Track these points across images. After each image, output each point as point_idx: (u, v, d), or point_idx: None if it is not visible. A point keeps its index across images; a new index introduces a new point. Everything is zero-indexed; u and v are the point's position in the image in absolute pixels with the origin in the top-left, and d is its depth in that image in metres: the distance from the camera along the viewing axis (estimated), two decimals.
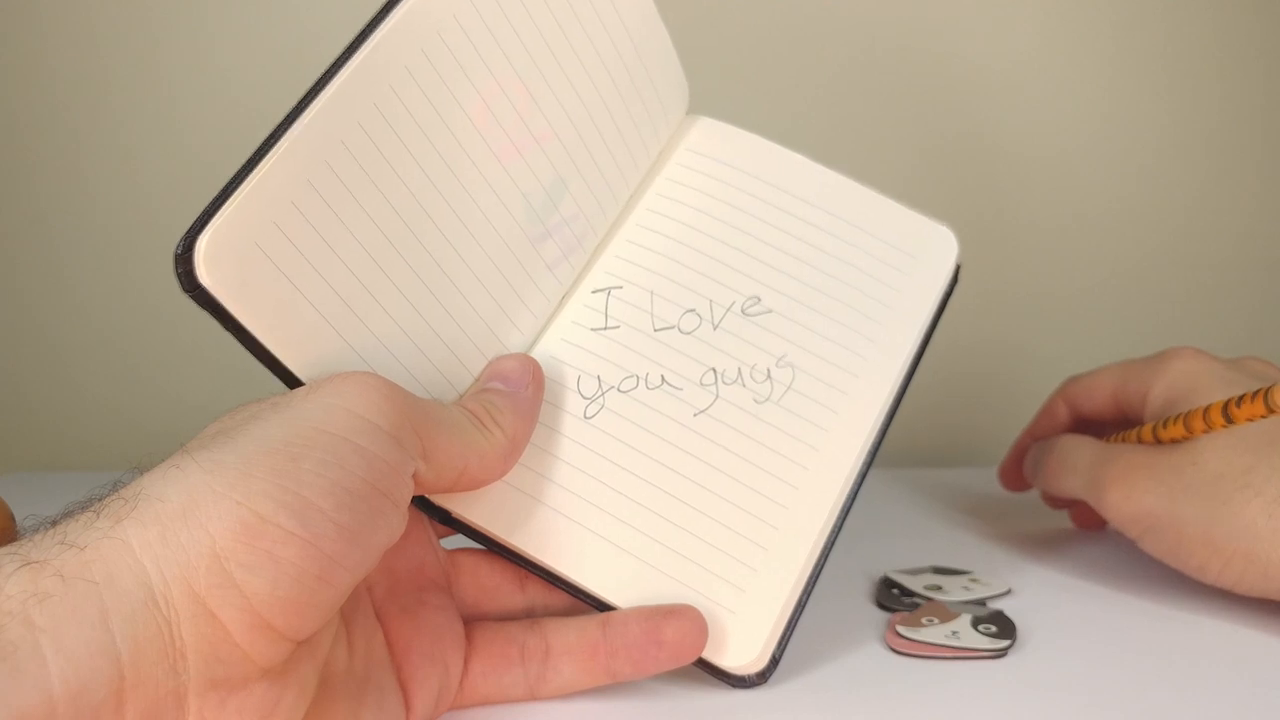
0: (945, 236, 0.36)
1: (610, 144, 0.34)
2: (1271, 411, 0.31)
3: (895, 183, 0.36)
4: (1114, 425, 0.41)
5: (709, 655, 0.29)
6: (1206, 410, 0.33)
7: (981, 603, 0.36)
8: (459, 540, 0.31)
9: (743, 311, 0.33)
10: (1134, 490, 0.35)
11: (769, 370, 0.32)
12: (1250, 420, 0.32)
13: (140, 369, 0.59)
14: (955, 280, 0.36)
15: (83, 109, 0.57)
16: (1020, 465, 0.45)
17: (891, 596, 0.36)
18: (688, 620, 0.28)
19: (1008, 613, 0.34)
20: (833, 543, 0.31)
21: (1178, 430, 0.35)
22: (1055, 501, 0.45)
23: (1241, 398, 0.32)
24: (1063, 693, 0.29)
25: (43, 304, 0.59)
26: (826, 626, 0.33)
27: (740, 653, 0.29)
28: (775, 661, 0.29)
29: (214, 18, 0.56)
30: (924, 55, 0.59)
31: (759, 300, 0.33)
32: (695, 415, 0.31)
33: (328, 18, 0.56)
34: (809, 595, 0.30)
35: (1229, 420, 0.32)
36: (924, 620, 0.33)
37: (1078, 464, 0.38)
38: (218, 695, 0.21)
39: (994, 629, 0.32)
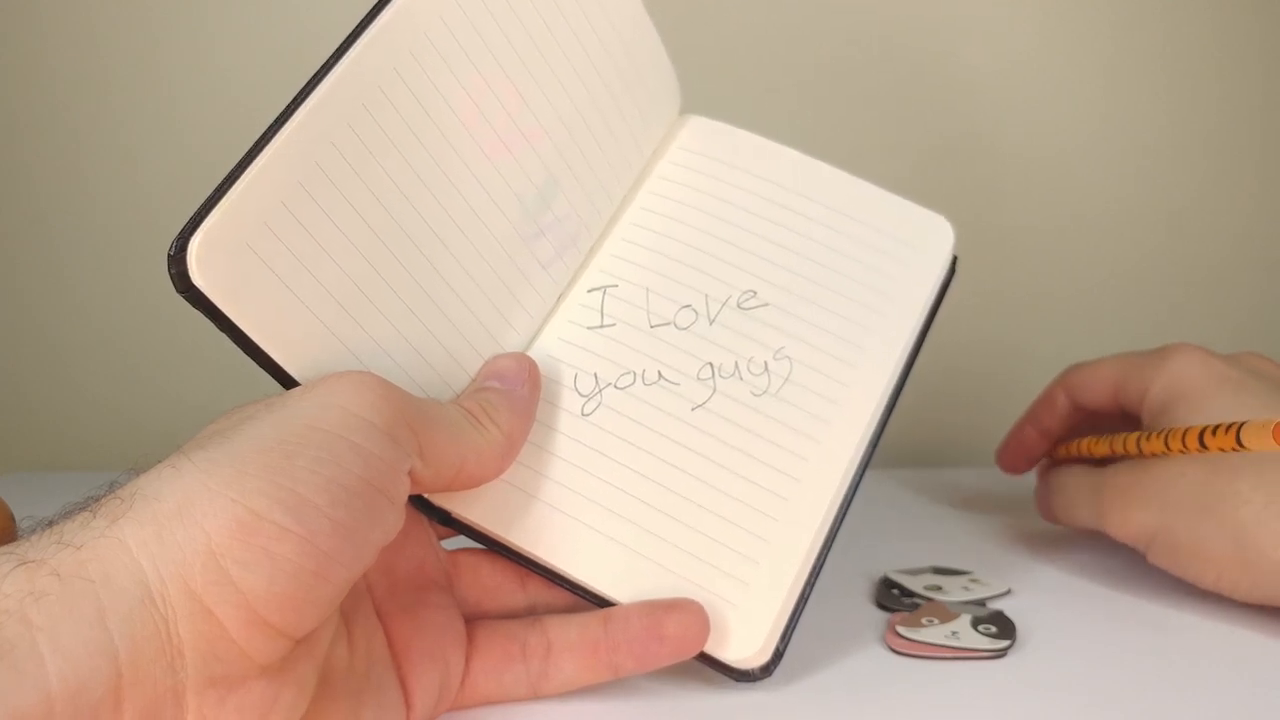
0: (940, 225, 0.36)
1: (602, 142, 0.34)
2: (1242, 448, 0.31)
3: (893, 183, 0.36)
4: (1112, 417, 0.41)
5: (711, 649, 0.29)
6: (1185, 434, 0.33)
7: (981, 603, 0.35)
8: (462, 542, 0.31)
9: (738, 306, 0.33)
10: (1128, 510, 0.36)
11: (766, 363, 0.32)
12: (1222, 451, 0.32)
13: (140, 369, 0.59)
14: (953, 270, 0.36)
15: (83, 109, 0.57)
16: (1019, 449, 0.45)
17: (891, 597, 0.36)
18: (689, 614, 0.28)
19: (1008, 613, 0.34)
20: (834, 535, 0.31)
21: (1158, 446, 0.35)
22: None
23: (1216, 428, 0.32)
24: (1063, 693, 0.29)
25: (43, 304, 0.59)
26: (826, 627, 0.33)
27: (743, 646, 0.29)
28: (779, 655, 0.29)
29: (214, 18, 0.56)
30: (922, 55, 0.59)
31: (755, 294, 0.33)
32: (693, 410, 0.31)
33: (327, 18, 0.56)
34: (811, 588, 0.30)
35: (1203, 447, 0.32)
36: (924, 620, 0.33)
37: (1079, 498, 0.39)
38: (216, 693, 0.21)
39: (994, 629, 0.32)
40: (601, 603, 0.29)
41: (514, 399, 0.29)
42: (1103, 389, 0.40)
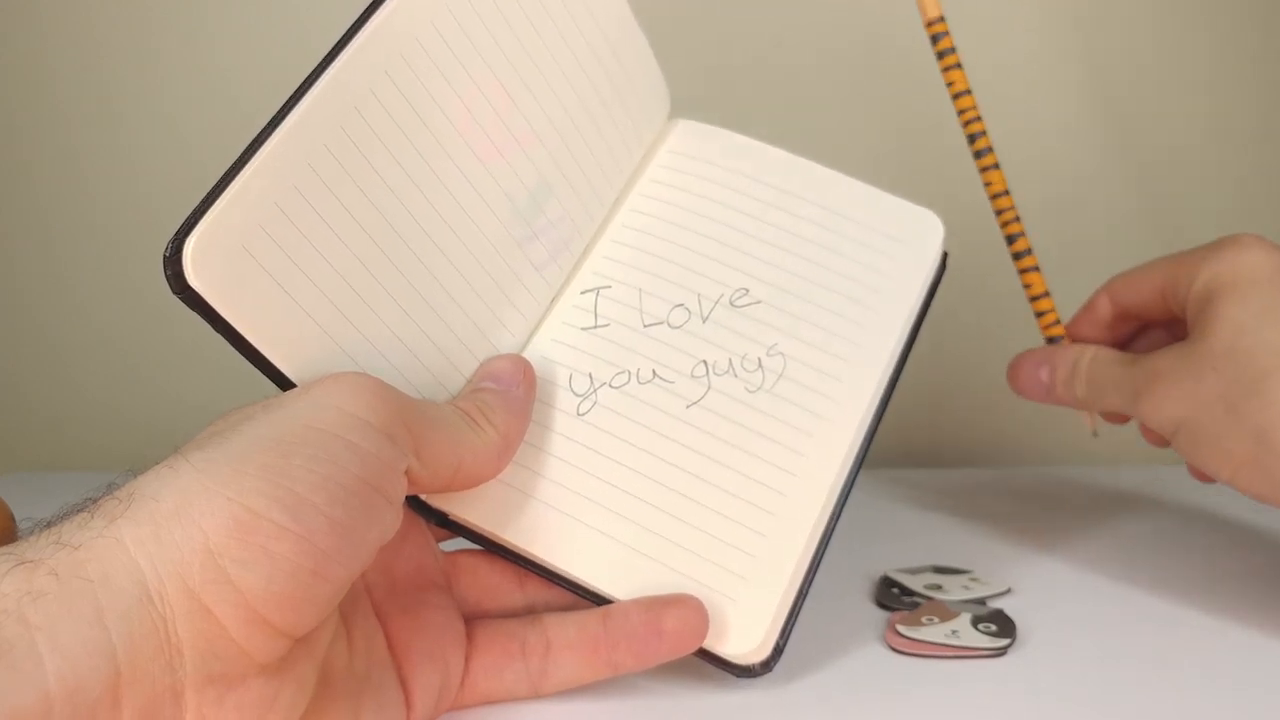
0: (930, 220, 0.36)
1: (593, 146, 0.34)
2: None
3: (884, 180, 0.36)
4: (1159, 323, 0.39)
5: (711, 644, 0.29)
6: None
7: (981, 602, 0.35)
8: (460, 543, 0.31)
9: (731, 303, 0.33)
10: (1161, 396, 0.34)
11: (760, 360, 0.32)
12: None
13: (140, 369, 0.60)
14: (944, 266, 0.36)
15: (83, 109, 0.57)
16: (1036, 366, 0.42)
17: (891, 596, 0.36)
18: (688, 609, 0.28)
19: (1007, 612, 0.34)
20: (832, 530, 0.31)
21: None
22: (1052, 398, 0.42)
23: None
24: (1063, 692, 0.29)
25: (43, 304, 0.59)
26: (826, 626, 0.33)
27: (743, 641, 0.29)
28: (779, 651, 0.29)
29: (214, 18, 0.57)
30: (915, 53, 0.59)
31: (747, 292, 0.33)
32: (688, 407, 0.31)
33: (327, 18, 0.56)
34: (810, 583, 0.30)
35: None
36: (924, 619, 0.33)
37: (1108, 384, 0.37)
38: (215, 691, 0.21)
39: (994, 628, 0.32)
40: (600, 600, 0.29)
41: (510, 400, 0.29)
42: (1149, 288, 0.38)
